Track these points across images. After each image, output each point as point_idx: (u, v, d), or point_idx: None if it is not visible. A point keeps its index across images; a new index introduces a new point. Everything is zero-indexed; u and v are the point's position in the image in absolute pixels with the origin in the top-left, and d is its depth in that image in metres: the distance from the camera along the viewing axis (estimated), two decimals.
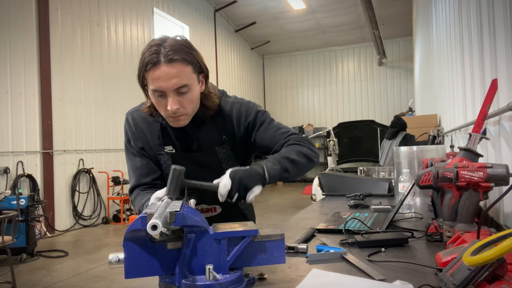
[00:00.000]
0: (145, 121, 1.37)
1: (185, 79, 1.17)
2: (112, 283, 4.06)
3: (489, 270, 0.68)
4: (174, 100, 1.17)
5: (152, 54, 1.15)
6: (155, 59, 1.14)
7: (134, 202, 1.37)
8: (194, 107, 1.26)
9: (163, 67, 1.13)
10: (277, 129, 1.35)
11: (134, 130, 1.38)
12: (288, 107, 15.99)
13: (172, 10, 10.18)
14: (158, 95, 1.19)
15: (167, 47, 1.15)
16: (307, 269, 1.03)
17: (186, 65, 1.17)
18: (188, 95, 1.20)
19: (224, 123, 1.36)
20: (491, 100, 1.41)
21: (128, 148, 1.42)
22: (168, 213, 0.84)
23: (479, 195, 1.24)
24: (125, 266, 0.87)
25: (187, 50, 1.18)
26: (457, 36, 2.88)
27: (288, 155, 1.24)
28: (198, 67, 1.23)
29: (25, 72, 6.18)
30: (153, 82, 1.16)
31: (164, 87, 1.15)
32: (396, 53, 14.45)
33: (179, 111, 1.20)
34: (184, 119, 1.25)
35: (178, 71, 1.15)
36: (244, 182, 1.10)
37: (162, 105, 1.20)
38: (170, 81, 1.14)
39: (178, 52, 1.15)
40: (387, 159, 5.11)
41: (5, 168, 5.73)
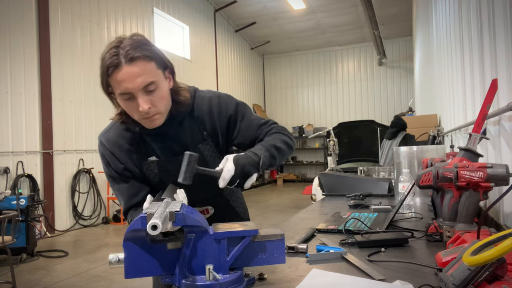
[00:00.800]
0: (121, 138, 1.31)
1: (150, 76, 1.12)
2: (112, 283, 4.06)
3: (489, 270, 0.68)
4: (144, 100, 1.13)
5: (111, 57, 1.10)
6: (115, 61, 1.09)
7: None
8: (166, 104, 1.22)
9: (125, 68, 1.09)
10: (259, 120, 1.38)
11: (111, 151, 1.31)
12: (288, 107, 15.99)
13: (172, 10, 10.18)
14: (126, 98, 1.14)
15: (125, 47, 1.10)
16: (307, 269, 1.03)
17: (148, 61, 1.12)
18: (157, 92, 1.16)
19: (204, 118, 1.34)
20: (491, 100, 1.41)
21: (109, 173, 1.35)
22: (168, 213, 0.84)
23: (479, 195, 1.24)
24: (125, 266, 0.87)
25: (147, 46, 1.14)
26: (457, 36, 2.88)
27: (274, 143, 1.27)
28: (162, 62, 1.18)
29: (25, 72, 6.18)
30: (119, 85, 1.11)
31: (131, 88, 1.11)
32: (396, 53, 14.45)
33: (151, 110, 1.16)
34: (159, 118, 1.20)
35: (141, 69, 1.11)
36: (247, 169, 1.12)
37: (133, 108, 1.15)
38: (135, 80, 1.10)
39: (138, 50, 1.11)
40: (387, 159, 5.11)
41: (5, 168, 5.73)
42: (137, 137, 1.30)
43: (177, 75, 1.33)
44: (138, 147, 1.31)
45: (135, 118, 1.20)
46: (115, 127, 1.33)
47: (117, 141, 1.31)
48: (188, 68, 10.63)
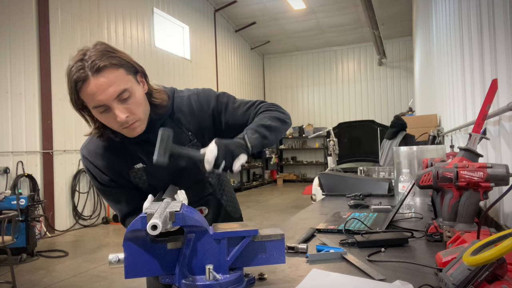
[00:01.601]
0: (103, 149, 1.27)
1: (121, 84, 1.08)
2: (112, 283, 4.06)
3: (489, 270, 0.68)
4: (120, 109, 1.08)
5: (78, 71, 1.05)
6: (82, 75, 1.04)
7: None
8: (143, 110, 1.17)
9: (93, 80, 1.04)
10: (244, 104, 1.33)
11: (95, 164, 1.27)
12: (288, 107, 15.97)
13: (172, 10, 10.18)
14: (102, 111, 1.09)
15: (90, 58, 1.05)
16: (307, 269, 1.03)
17: (116, 69, 1.08)
18: (132, 99, 1.11)
19: (186, 118, 1.30)
20: (491, 100, 1.41)
21: (97, 186, 1.31)
22: (168, 213, 0.84)
23: (479, 195, 1.24)
24: (125, 266, 0.87)
25: (111, 54, 1.09)
26: (457, 36, 2.88)
27: (263, 123, 1.22)
28: (131, 67, 1.13)
29: (25, 72, 6.18)
30: (91, 99, 1.06)
31: (104, 99, 1.06)
32: (396, 53, 14.45)
33: (130, 118, 1.11)
34: (139, 125, 1.16)
35: (111, 78, 1.06)
36: (231, 148, 1.08)
37: (111, 119, 1.11)
38: (107, 91, 1.05)
39: (103, 59, 1.05)
40: (387, 159, 5.11)
41: (5, 168, 5.73)
42: (120, 146, 1.25)
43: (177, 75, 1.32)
44: (123, 156, 1.26)
45: (115, 129, 1.16)
46: (96, 139, 1.27)
47: (100, 153, 1.27)
48: (188, 68, 10.63)
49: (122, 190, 1.30)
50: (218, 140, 1.08)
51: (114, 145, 1.25)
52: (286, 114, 1.33)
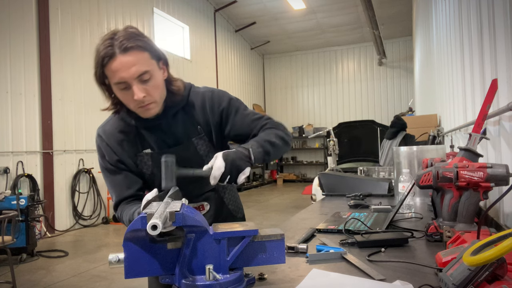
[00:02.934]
0: (118, 131, 1.34)
1: (144, 66, 1.16)
2: (112, 283, 4.06)
3: (489, 270, 0.68)
4: (139, 88, 1.16)
5: (106, 47, 1.14)
6: (110, 52, 1.13)
7: (122, 217, 1.33)
8: (160, 93, 1.25)
9: (120, 57, 1.13)
10: (253, 114, 1.38)
11: (108, 143, 1.34)
12: (288, 107, 15.99)
13: (172, 10, 10.18)
14: (122, 87, 1.17)
15: (119, 38, 1.14)
16: (307, 269, 1.03)
17: (142, 51, 1.16)
18: (152, 81, 1.19)
19: (197, 113, 1.36)
20: (491, 100, 1.41)
21: (103, 165, 1.37)
22: (168, 213, 0.84)
23: (479, 195, 1.24)
24: (125, 266, 0.87)
25: (140, 37, 1.18)
26: (457, 36, 2.88)
27: (269, 139, 1.27)
28: (155, 53, 1.22)
29: (25, 72, 6.18)
30: (114, 75, 1.15)
31: (126, 76, 1.14)
32: (396, 53, 14.45)
33: (146, 99, 1.18)
34: (154, 107, 1.23)
35: (136, 58, 1.14)
36: (237, 163, 1.12)
37: (129, 97, 1.18)
38: (130, 69, 1.13)
39: (131, 40, 1.15)
40: (387, 159, 5.11)
41: (5, 168, 5.73)
42: (133, 131, 1.33)
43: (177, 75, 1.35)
44: (134, 140, 1.34)
45: (131, 108, 1.23)
46: (113, 120, 1.36)
47: (114, 133, 1.34)
48: (188, 68, 10.63)
49: (127, 173, 1.35)
50: (225, 155, 1.12)
51: (128, 128, 1.33)
52: (289, 135, 1.38)
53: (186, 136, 1.34)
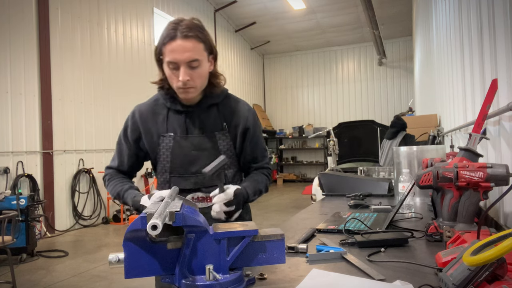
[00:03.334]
0: (150, 112, 1.50)
1: (197, 54, 1.32)
2: (112, 283, 4.06)
3: (489, 270, 0.68)
4: (186, 72, 1.31)
5: (170, 30, 1.31)
6: (172, 34, 1.30)
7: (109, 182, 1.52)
8: (202, 82, 1.40)
9: (179, 41, 1.29)
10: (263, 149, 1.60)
11: (138, 119, 1.49)
12: (288, 107, 15.99)
13: (172, 10, 10.18)
14: (172, 67, 1.33)
15: (183, 25, 1.31)
16: (307, 269, 1.03)
17: (199, 42, 1.32)
18: (198, 70, 1.34)
19: (229, 113, 1.51)
20: (491, 100, 1.41)
21: (122, 136, 1.54)
22: (168, 213, 0.84)
23: (479, 195, 1.24)
24: (125, 266, 0.87)
25: (201, 30, 1.35)
26: (457, 36, 2.88)
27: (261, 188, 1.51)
28: (209, 47, 1.38)
29: (25, 72, 6.18)
30: (169, 54, 1.31)
31: (178, 58, 1.30)
32: (396, 53, 14.45)
33: (189, 83, 1.33)
34: (193, 92, 1.38)
35: (192, 46, 1.30)
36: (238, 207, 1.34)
37: (175, 77, 1.34)
38: (184, 54, 1.29)
39: (193, 30, 1.31)
40: (387, 159, 5.11)
41: (5, 168, 5.73)
42: (165, 113, 1.48)
43: None
44: (162, 121, 1.48)
45: (174, 87, 1.39)
46: (149, 102, 1.53)
47: (146, 114, 1.50)
48: None
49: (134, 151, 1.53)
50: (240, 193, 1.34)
51: (160, 111, 1.49)
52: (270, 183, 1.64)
53: (211, 128, 1.48)
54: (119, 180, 1.51)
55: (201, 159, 1.44)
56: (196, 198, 1.46)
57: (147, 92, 1.62)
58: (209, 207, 1.42)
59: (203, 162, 1.40)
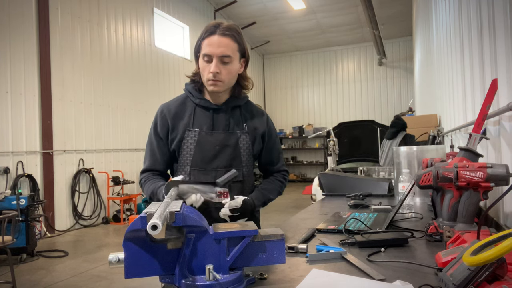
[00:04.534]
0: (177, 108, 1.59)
1: (230, 51, 1.45)
2: (112, 283, 4.06)
3: (489, 270, 0.68)
4: (217, 65, 1.44)
5: (211, 26, 1.46)
6: (212, 30, 1.45)
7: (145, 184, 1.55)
8: (230, 79, 1.51)
9: (217, 36, 1.44)
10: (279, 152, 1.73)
11: (167, 114, 1.57)
12: (288, 107, 15.99)
13: (172, 10, 10.17)
14: (206, 60, 1.46)
15: (224, 25, 1.46)
16: (307, 269, 1.03)
17: (234, 42, 1.47)
18: (229, 66, 1.47)
19: (250, 116, 1.63)
20: (491, 100, 1.41)
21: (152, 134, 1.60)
22: (168, 213, 0.84)
23: (479, 195, 1.24)
24: (125, 266, 0.87)
25: (238, 33, 1.49)
26: (457, 36, 2.88)
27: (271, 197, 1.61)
28: (243, 49, 1.52)
29: (25, 72, 6.18)
30: (205, 47, 1.45)
31: (213, 51, 1.43)
32: (396, 53, 14.45)
33: (218, 76, 1.45)
34: (221, 85, 1.49)
35: (227, 43, 1.45)
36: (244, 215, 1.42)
37: (207, 68, 1.46)
38: (219, 48, 1.43)
39: (231, 30, 1.46)
40: (387, 159, 5.11)
41: (5, 168, 5.73)
42: (191, 109, 1.58)
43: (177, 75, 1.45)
44: (189, 117, 1.57)
45: (204, 78, 1.50)
46: (176, 99, 1.62)
47: (173, 110, 1.58)
48: (188, 68, 10.61)
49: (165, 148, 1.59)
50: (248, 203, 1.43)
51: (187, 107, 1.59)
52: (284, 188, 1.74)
53: (233, 127, 1.58)
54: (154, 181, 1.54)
55: (223, 154, 1.54)
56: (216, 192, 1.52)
57: (147, 92, 1.63)
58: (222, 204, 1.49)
59: (225, 157, 1.53)
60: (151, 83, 8.95)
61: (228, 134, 1.56)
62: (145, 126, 7.94)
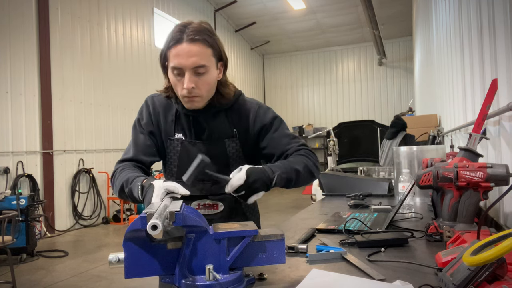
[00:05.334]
0: (162, 106, 1.40)
1: (203, 60, 1.21)
2: (112, 283, 4.06)
3: (489, 270, 0.68)
4: (191, 79, 1.21)
5: (176, 32, 1.21)
6: (178, 37, 1.19)
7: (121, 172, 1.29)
8: (209, 90, 1.28)
9: (185, 45, 1.19)
10: (290, 138, 1.40)
11: (151, 112, 1.40)
12: (288, 107, 15.99)
13: (172, 10, 10.18)
14: (176, 73, 1.22)
15: (190, 28, 1.20)
16: (307, 269, 1.03)
17: (206, 47, 1.21)
18: (205, 76, 1.23)
19: (239, 118, 1.40)
20: (491, 100, 1.41)
21: (137, 126, 1.42)
22: (168, 213, 0.84)
23: (479, 195, 1.24)
24: (125, 266, 0.87)
25: (210, 34, 1.23)
26: (457, 36, 2.88)
27: (297, 167, 1.27)
28: (218, 52, 1.26)
29: (25, 72, 6.18)
30: (174, 59, 1.20)
31: (183, 64, 1.19)
32: (396, 53, 14.45)
33: (194, 91, 1.23)
34: (199, 101, 1.27)
35: (198, 50, 1.19)
36: (256, 185, 1.13)
37: (179, 84, 1.23)
38: (189, 59, 1.19)
39: (201, 33, 1.20)
40: (387, 159, 5.11)
41: (5, 168, 5.73)
42: (174, 113, 1.38)
43: None
44: (172, 120, 1.39)
45: (178, 95, 1.28)
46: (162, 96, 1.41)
47: (159, 107, 1.40)
48: None
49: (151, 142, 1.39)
50: (249, 171, 1.13)
51: (170, 109, 1.39)
52: (318, 168, 1.38)
53: (220, 135, 1.38)
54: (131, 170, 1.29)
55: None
56: (203, 205, 1.42)
57: (147, 92, 1.59)
58: (215, 214, 1.40)
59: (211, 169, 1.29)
60: (151, 83, 8.95)
61: (212, 144, 1.36)
62: None
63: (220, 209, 1.43)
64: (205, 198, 1.41)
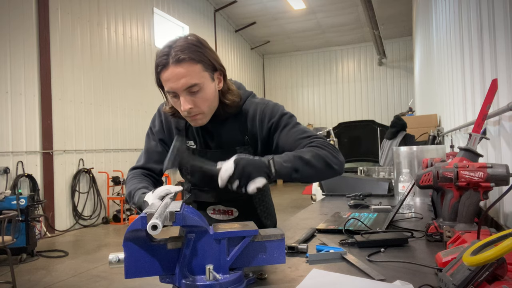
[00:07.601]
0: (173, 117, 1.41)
1: (194, 78, 1.16)
2: (112, 283, 4.06)
3: (489, 270, 0.68)
4: (187, 100, 1.18)
5: (162, 56, 1.16)
6: (164, 61, 1.16)
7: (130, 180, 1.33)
8: (209, 105, 1.24)
9: (171, 68, 1.15)
10: (302, 132, 1.28)
11: (163, 120, 1.41)
12: (288, 107, 15.44)
13: (172, 10, 10.18)
14: (172, 96, 1.20)
15: (176, 48, 1.15)
16: (307, 269, 1.03)
17: (195, 63, 1.16)
18: (201, 94, 1.19)
19: (247, 123, 1.34)
20: (491, 100, 1.41)
21: (149, 134, 1.44)
22: (168, 213, 0.84)
23: (479, 195, 1.24)
24: (125, 266, 0.87)
25: (196, 48, 1.17)
26: (457, 36, 2.88)
27: (302, 155, 1.15)
28: (210, 65, 1.21)
29: (25, 72, 6.18)
30: (165, 84, 1.18)
31: (174, 87, 1.16)
32: (396, 53, 14.46)
33: (193, 110, 1.20)
34: (201, 118, 1.24)
35: (186, 70, 1.15)
36: (248, 170, 1.04)
37: (178, 105, 1.22)
38: (179, 81, 1.15)
39: (185, 51, 1.15)
40: (387, 159, 5.11)
41: (5, 168, 5.73)
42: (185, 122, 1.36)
43: None
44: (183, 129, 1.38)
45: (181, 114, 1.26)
46: None
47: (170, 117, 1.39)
48: None
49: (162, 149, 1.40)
50: (238, 158, 1.06)
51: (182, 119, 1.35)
52: (338, 159, 1.23)
53: (231, 143, 1.33)
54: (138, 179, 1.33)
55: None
56: (218, 210, 1.43)
57: (147, 92, 1.59)
58: (230, 220, 1.41)
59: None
60: (151, 83, 8.93)
61: (223, 153, 1.28)
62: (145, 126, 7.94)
63: (235, 215, 1.43)
64: (219, 204, 1.43)
